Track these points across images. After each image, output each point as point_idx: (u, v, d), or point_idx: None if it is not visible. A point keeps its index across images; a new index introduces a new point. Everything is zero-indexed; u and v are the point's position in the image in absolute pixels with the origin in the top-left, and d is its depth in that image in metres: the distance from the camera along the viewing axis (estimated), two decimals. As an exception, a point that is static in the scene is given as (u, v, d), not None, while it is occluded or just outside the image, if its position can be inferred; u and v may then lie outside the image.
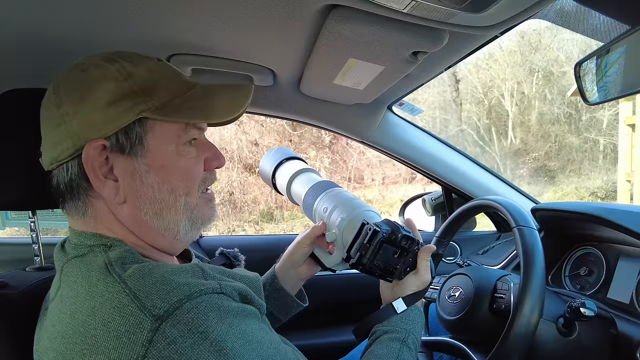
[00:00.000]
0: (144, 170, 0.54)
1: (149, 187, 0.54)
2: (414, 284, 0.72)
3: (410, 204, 1.73)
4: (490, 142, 9.65)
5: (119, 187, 0.53)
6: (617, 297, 0.92)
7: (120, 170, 0.53)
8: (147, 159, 0.54)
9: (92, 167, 0.51)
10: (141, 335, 0.42)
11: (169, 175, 0.55)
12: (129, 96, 0.52)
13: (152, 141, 0.54)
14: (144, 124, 0.53)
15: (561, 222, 1.10)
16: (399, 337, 0.66)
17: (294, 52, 0.85)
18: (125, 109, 0.52)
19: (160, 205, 0.55)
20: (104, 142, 0.52)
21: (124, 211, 0.54)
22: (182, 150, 0.56)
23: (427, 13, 0.61)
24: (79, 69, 0.53)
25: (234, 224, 7.39)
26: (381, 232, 0.68)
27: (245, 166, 7.68)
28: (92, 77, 0.52)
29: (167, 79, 0.56)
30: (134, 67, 0.54)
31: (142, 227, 0.55)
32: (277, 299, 0.83)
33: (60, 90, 0.53)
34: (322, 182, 0.87)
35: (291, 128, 7.78)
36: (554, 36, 9.38)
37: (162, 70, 0.57)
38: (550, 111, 9.46)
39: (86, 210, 0.54)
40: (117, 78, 0.52)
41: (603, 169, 8.77)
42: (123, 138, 0.52)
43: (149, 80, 0.54)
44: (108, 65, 0.53)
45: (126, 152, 0.53)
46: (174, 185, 0.55)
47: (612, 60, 0.64)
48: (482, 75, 9.97)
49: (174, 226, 0.56)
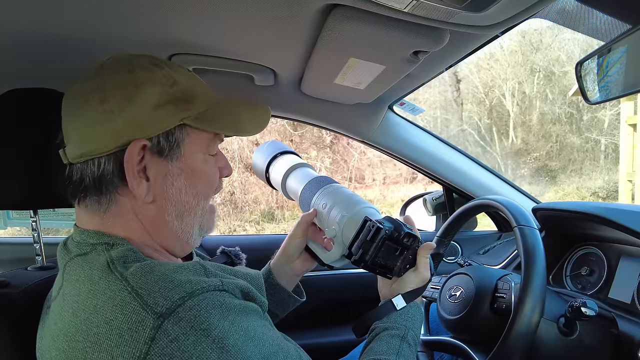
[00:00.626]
0: (176, 174, 0.56)
1: (177, 190, 0.57)
2: (414, 281, 0.72)
3: (411, 204, 1.72)
4: (491, 142, 9.65)
5: (150, 187, 0.55)
6: (618, 296, 0.92)
7: (153, 171, 0.55)
8: (180, 163, 0.57)
9: (131, 166, 0.52)
10: (144, 333, 0.43)
11: (196, 180, 0.58)
12: (173, 102, 0.55)
13: (187, 147, 0.57)
14: (183, 130, 0.56)
15: (562, 222, 1.10)
16: (399, 334, 0.66)
17: (294, 52, 0.85)
18: (170, 114, 0.54)
19: (183, 207, 0.58)
20: (146, 142, 0.53)
21: (148, 211, 0.56)
22: (207, 158, 0.60)
23: (427, 12, 0.61)
24: (126, 69, 0.54)
25: (235, 223, 7.39)
26: (384, 229, 0.68)
27: (246, 166, 7.68)
28: (139, 79, 0.53)
29: (203, 90, 0.60)
30: (177, 74, 0.56)
31: (161, 228, 0.57)
32: (273, 295, 0.83)
33: (106, 87, 0.53)
34: (320, 178, 0.86)
35: (292, 128, 7.79)
36: (555, 36, 9.38)
37: (197, 81, 0.60)
38: (552, 111, 9.45)
39: (109, 207, 0.55)
40: (164, 83, 0.54)
41: (604, 169, 8.76)
42: (164, 141, 0.55)
43: (189, 89, 0.57)
44: (155, 69, 0.55)
45: (164, 154, 0.55)
46: (199, 190, 0.59)
47: (613, 59, 0.64)
48: (483, 75, 9.96)
49: (190, 229, 0.59)
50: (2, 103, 0.65)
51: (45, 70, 0.86)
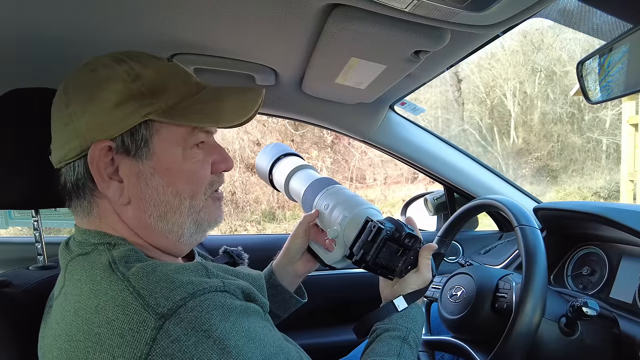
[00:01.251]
0: (149, 173, 0.54)
1: (154, 190, 0.54)
2: (415, 282, 0.71)
3: (412, 204, 1.72)
4: (492, 141, 9.63)
5: (124, 188, 0.53)
6: (620, 296, 0.91)
7: (125, 171, 0.53)
8: (152, 162, 0.54)
9: (97, 168, 0.52)
10: (145, 334, 0.43)
11: (174, 178, 0.55)
12: (135, 98, 0.52)
13: (158, 144, 0.54)
14: (150, 126, 0.53)
15: (563, 222, 1.10)
16: (400, 335, 0.66)
17: (295, 52, 0.85)
18: (132, 111, 0.52)
19: (164, 208, 0.55)
20: (109, 143, 0.52)
21: (128, 212, 0.55)
22: (188, 154, 0.56)
23: (428, 12, 0.61)
24: (89, 68, 0.54)
25: (236, 223, 7.40)
26: (385, 229, 0.68)
27: (247, 166, 7.68)
28: (101, 78, 0.52)
29: (176, 81, 0.56)
30: (142, 68, 0.54)
31: (146, 228, 0.55)
32: (274, 295, 0.83)
33: (70, 89, 0.53)
34: (322, 179, 0.87)
35: (293, 128, 7.79)
36: (556, 35, 9.36)
37: (171, 71, 0.56)
38: (553, 111, 9.43)
39: (91, 210, 0.55)
40: (125, 79, 0.52)
41: (606, 169, 8.74)
42: (129, 140, 0.52)
43: (157, 81, 0.54)
44: (116, 66, 0.53)
45: (131, 154, 0.53)
46: (179, 189, 0.55)
47: (615, 59, 0.64)
48: (484, 74, 9.95)
49: (178, 229, 0.56)
50: (3, 103, 0.65)
51: (46, 70, 0.86)
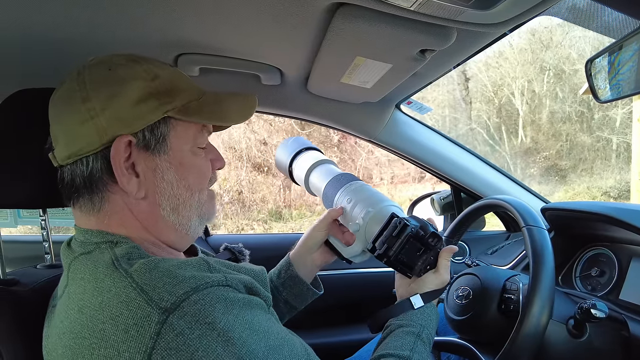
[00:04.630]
0: (165, 167, 0.57)
1: (169, 184, 0.57)
2: (433, 282, 0.72)
3: (419, 203, 1.72)
4: (500, 141, 9.57)
5: (141, 182, 0.55)
6: (630, 298, 0.90)
7: (142, 166, 0.55)
8: (168, 157, 0.57)
9: (118, 162, 0.53)
10: (149, 328, 0.43)
11: (186, 172, 0.58)
12: (155, 95, 0.55)
13: (173, 140, 0.57)
14: (168, 123, 0.56)
15: (572, 222, 1.08)
16: (414, 331, 0.66)
17: (301, 51, 0.85)
18: (153, 108, 0.55)
19: (177, 201, 0.58)
20: (131, 138, 0.53)
21: (141, 207, 0.56)
22: (196, 151, 0.60)
23: (434, 10, 0.61)
24: (105, 67, 0.55)
25: (243, 222, 7.43)
26: (411, 226, 0.69)
27: (254, 165, 7.71)
28: (121, 75, 0.54)
29: (184, 84, 0.60)
30: (158, 69, 0.57)
31: (158, 222, 0.57)
32: (292, 287, 0.83)
33: (87, 86, 0.53)
34: (344, 175, 0.87)
35: (299, 127, 7.79)
36: (565, 33, 9.26)
37: (179, 75, 0.60)
38: (562, 109, 9.34)
39: (102, 205, 0.55)
40: (145, 77, 0.55)
41: (616, 168, 8.64)
42: (149, 135, 0.55)
43: (171, 82, 0.57)
44: (134, 65, 0.56)
45: (151, 148, 0.55)
46: (190, 182, 0.59)
47: (625, 57, 0.63)
48: (492, 73, 9.88)
49: (187, 222, 0.60)
50: (10, 104, 0.66)
51: (52, 71, 0.87)
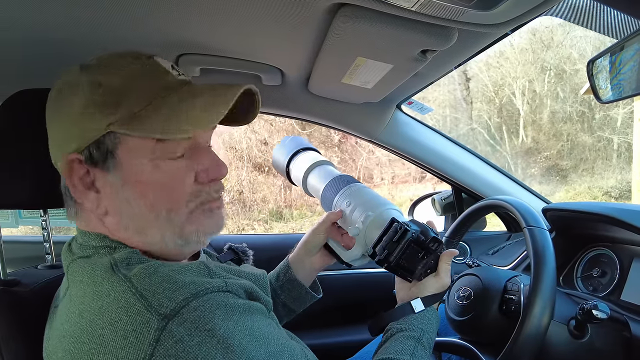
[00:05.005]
0: (119, 185, 0.51)
1: (126, 202, 0.52)
2: (434, 286, 0.71)
3: (420, 204, 1.71)
4: (501, 141, 9.56)
5: (100, 199, 0.53)
6: (631, 299, 0.90)
7: (100, 182, 0.52)
8: (121, 173, 0.51)
9: (70, 179, 0.52)
10: (148, 335, 0.43)
11: (145, 189, 0.52)
12: (98, 107, 0.50)
13: (123, 154, 0.51)
14: (113, 136, 0.50)
15: (573, 223, 1.08)
16: (414, 336, 0.66)
17: (302, 51, 0.85)
18: (95, 122, 0.50)
19: (140, 221, 0.52)
20: (77, 156, 0.52)
21: (109, 222, 0.54)
22: (160, 164, 0.52)
23: (435, 11, 0.61)
24: (62, 77, 0.54)
25: (244, 222, 7.43)
26: (411, 231, 0.68)
27: (254, 165, 7.71)
28: (66, 89, 0.53)
29: (144, 81, 0.52)
30: (106, 74, 0.51)
31: (127, 240, 0.53)
32: (291, 290, 0.83)
33: (52, 99, 0.55)
34: (342, 177, 0.86)
35: (300, 127, 7.79)
36: (566, 33, 9.25)
37: (142, 72, 0.52)
38: (563, 109, 9.33)
39: (80, 215, 0.56)
40: (86, 89, 0.50)
41: (617, 168, 8.62)
42: (95, 151, 0.51)
43: (122, 86, 0.51)
44: (80, 75, 0.52)
45: (99, 165, 0.51)
46: (152, 201, 0.52)
47: (626, 57, 0.63)
48: (493, 73, 9.87)
49: (159, 241, 0.53)
50: (11, 104, 0.66)
51: (53, 71, 0.86)
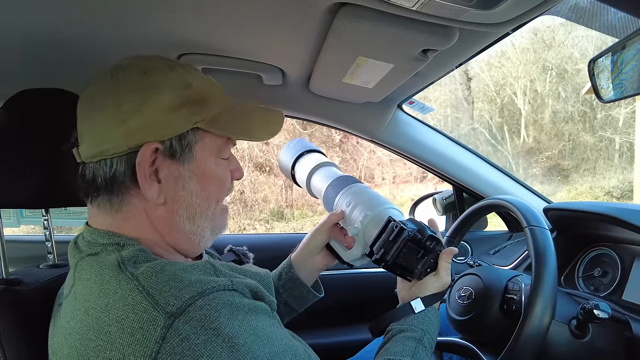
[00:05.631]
0: (187, 176, 0.57)
1: (189, 193, 0.57)
2: (434, 285, 0.71)
3: (421, 203, 1.71)
4: (502, 140, 9.55)
5: (162, 189, 0.55)
6: (632, 299, 0.90)
7: (165, 173, 0.55)
8: (192, 166, 0.57)
9: (142, 168, 0.53)
10: (155, 332, 0.43)
11: (207, 183, 0.59)
12: (186, 105, 0.55)
13: (199, 150, 0.57)
14: (196, 133, 0.57)
15: (574, 222, 1.08)
16: (415, 336, 0.66)
17: (302, 51, 0.85)
18: (184, 117, 0.55)
19: (194, 210, 0.58)
20: (158, 145, 0.54)
21: (159, 212, 0.56)
22: (219, 162, 0.61)
23: (436, 10, 0.61)
24: (141, 70, 0.55)
25: (245, 222, 7.44)
26: (407, 230, 0.68)
27: (255, 165, 7.72)
28: (154, 82, 0.54)
29: (215, 93, 0.60)
30: (191, 77, 0.57)
31: (172, 229, 0.58)
32: (292, 289, 0.84)
33: (121, 89, 0.53)
34: (344, 177, 0.87)
35: (301, 127, 7.80)
36: (568, 33, 9.24)
37: (211, 84, 0.60)
38: (564, 109, 9.32)
39: (121, 207, 0.55)
40: (177, 86, 0.55)
41: (619, 168, 8.61)
42: (177, 144, 0.55)
43: (203, 92, 0.58)
44: (169, 72, 0.56)
45: (176, 157, 0.56)
46: (210, 193, 0.59)
47: (628, 56, 0.63)
48: (495, 73, 9.86)
49: (200, 231, 0.60)
50: (13, 104, 0.66)
51: (54, 71, 0.87)
